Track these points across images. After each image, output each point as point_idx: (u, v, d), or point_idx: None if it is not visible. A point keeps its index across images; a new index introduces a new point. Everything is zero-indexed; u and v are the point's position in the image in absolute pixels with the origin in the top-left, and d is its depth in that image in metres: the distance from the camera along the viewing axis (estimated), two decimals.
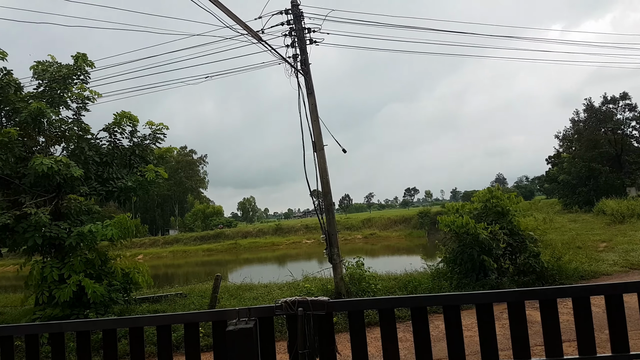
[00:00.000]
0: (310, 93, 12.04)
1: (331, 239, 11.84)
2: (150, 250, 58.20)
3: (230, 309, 2.87)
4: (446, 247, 12.95)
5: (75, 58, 11.92)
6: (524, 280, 11.62)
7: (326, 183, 12.02)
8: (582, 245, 18.19)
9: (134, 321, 3.03)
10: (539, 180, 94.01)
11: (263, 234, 62.47)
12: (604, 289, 2.72)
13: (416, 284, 11.91)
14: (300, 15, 12.10)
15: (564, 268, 12.40)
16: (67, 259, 10.15)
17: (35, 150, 11.43)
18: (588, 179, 40.64)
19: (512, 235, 12.21)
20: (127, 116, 11.95)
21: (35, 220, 9.58)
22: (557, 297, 2.73)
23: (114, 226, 10.10)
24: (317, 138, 11.95)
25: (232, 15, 9.08)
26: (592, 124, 43.62)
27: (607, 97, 43.33)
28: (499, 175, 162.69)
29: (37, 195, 10.59)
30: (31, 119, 10.45)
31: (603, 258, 14.74)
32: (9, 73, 11.37)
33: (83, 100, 11.81)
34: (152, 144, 12.53)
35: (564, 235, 22.42)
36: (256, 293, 12.85)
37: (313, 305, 2.82)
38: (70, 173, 10.04)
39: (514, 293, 2.79)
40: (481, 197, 13.39)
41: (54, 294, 9.56)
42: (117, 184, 11.42)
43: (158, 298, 13.11)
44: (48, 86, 11.49)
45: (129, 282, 11.01)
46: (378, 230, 56.40)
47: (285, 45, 12.15)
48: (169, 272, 39.20)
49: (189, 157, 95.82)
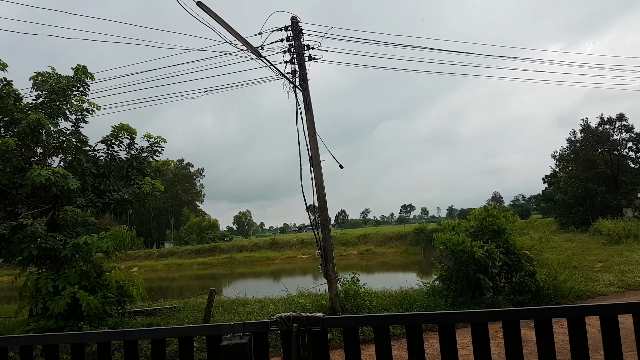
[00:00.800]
0: (308, 109, 12.11)
1: (327, 254, 11.82)
2: (145, 263, 57.94)
3: (224, 323, 2.86)
4: (442, 265, 12.93)
5: (75, 70, 11.99)
6: (519, 299, 11.60)
7: (322, 198, 12.03)
8: (578, 265, 18.19)
9: (129, 334, 3.02)
10: (535, 199, 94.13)
11: (258, 248, 62.27)
12: (599, 309, 2.73)
13: (411, 302, 11.86)
14: (300, 32, 12.22)
15: (560, 288, 12.39)
16: (62, 270, 10.10)
17: (32, 161, 11.42)
18: (584, 199, 40.71)
19: (508, 254, 12.22)
20: (125, 128, 11.99)
21: (31, 231, 9.56)
22: (553, 317, 2.73)
23: (110, 238, 10.08)
24: (314, 154, 11.99)
25: (233, 31, 9.17)
26: (588, 144, 43.83)
27: (604, 118, 43.63)
28: (495, 193, 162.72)
29: (34, 206, 10.56)
30: (30, 130, 10.46)
31: (599, 278, 14.74)
32: (9, 84, 11.42)
33: (82, 112, 11.86)
34: (149, 156, 12.55)
35: (560, 254, 22.42)
36: (250, 308, 12.79)
37: (308, 321, 2.81)
38: (67, 185, 10.04)
39: (509, 312, 2.79)
40: (477, 215, 13.41)
41: (48, 306, 9.50)
42: (114, 196, 11.41)
43: (152, 311, 13.03)
44: (47, 97, 11.53)
45: (123, 294, 10.97)
46: (374, 247, 56.28)
47: (285, 62, 12.25)
48: (163, 285, 38.98)
49: (185, 170, 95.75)
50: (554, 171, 51.11)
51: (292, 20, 12.20)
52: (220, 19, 8.56)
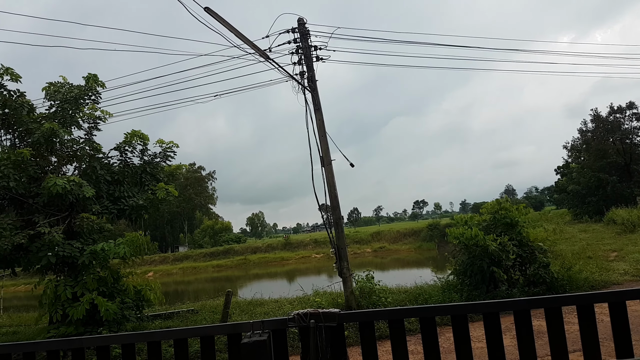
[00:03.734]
0: (317, 109, 12.18)
1: (340, 252, 11.89)
2: (160, 268, 58.34)
3: (244, 322, 2.96)
4: (456, 259, 12.94)
5: (86, 79, 12.15)
6: (534, 291, 11.59)
7: (334, 197, 12.09)
8: (593, 255, 18.06)
9: (152, 335, 3.12)
10: (549, 190, 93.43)
11: (272, 249, 62.40)
12: (607, 297, 2.78)
13: (426, 297, 11.90)
14: (307, 33, 12.29)
15: (574, 278, 12.33)
16: (80, 277, 10.28)
17: (48, 170, 11.61)
18: (597, 189, 40.35)
19: (521, 247, 12.20)
20: (138, 135, 12.16)
21: (49, 240, 9.74)
22: (562, 305, 2.79)
23: (126, 244, 10.24)
24: (324, 153, 12.06)
25: (240, 35, 9.27)
26: (599, 133, 43.42)
27: (614, 107, 43.20)
28: (508, 186, 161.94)
29: (50, 214, 10.75)
30: (44, 140, 10.65)
31: (614, 267, 14.65)
32: (22, 95, 11.63)
33: (94, 120, 12.05)
34: (162, 161, 12.71)
35: (574, 245, 22.27)
36: (267, 308, 12.90)
37: (325, 317, 2.90)
38: (82, 193, 10.21)
39: (520, 302, 2.86)
40: (490, 208, 13.39)
41: (67, 312, 9.67)
42: (129, 202, 11.58)
43: (170, 315, 13.18)
44: (60, 107, 11.71)
45: (141, 299, 11.12)
46: (387, 244, 56.17)
47: (293, 63, 12.32)
48: (179, 288, 39.27)
49: (197, 174, 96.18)
50: (566, 162, 50.67)
51: (298, 22, 12.28)
52: (227, 24, 8.66)
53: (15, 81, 11.54)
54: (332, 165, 12.18)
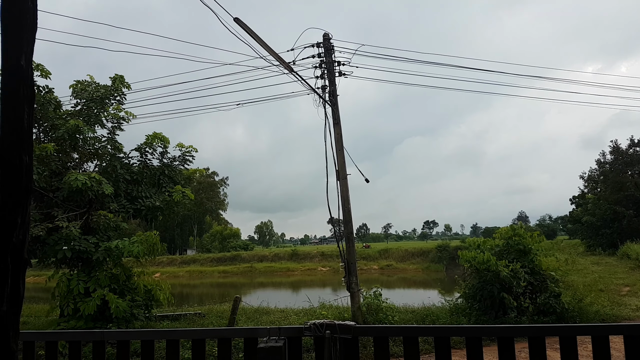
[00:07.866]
0: (336, 123, 12.29)
1: (350, 267, 11.91)
2: (167, 269, 58.55)
3: (261, 327, 3.04)
4: (466, 283, 12.88)
5: (113, 79, 12.38)
6: (543, 320, 11.48)
7: (347, 211, 12.15)
8: (605, 288, 17.86)
9: (172, 334, 3.20)
10: (562, 220, 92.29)
11: (279, 258, 62.36)
12: (623, 329, 2.81)
13: (434, 318, 11.85)
14: (332, 48, 12.45)
15: (585, 310, 12.21)
16: (93, 272, 10.42)
17: (69, 165, 11.83)
18: (612, 222, 39.89)
19: (533, 274, 12.13)
20: (159, 137, 12.34)
21: (66, 234, 9.91)
22: (577, 335, 2.83)
23: (141, 243, 10.37)
24: (340, 167, 12.13)
25: (267, 47, 9.43)
26: (618, 166, 43.06)
27: (635, 140, 42.88)
28: (521, 212, 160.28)
29: (69, 209, 10.94)
30: (68, 136, 10.87)
31: (626, 302, 14.48)
32: (50, 91, 11.89)
33: (118, 120, 12.26)
34: (181, 165, 12.87)
35: (586, 277, 22.00)
36: (273, 317, 12.93)
37: (340, 328, 2.96)
38: (101, 190, 10.38)
39: (535, 328, 2.90)
40: (503, 234, 13.35)
41: (78, 307, 9.80)
42: (146, 202, 11.73)
43: (177, 316, 13.26)
44: (86, 105, 11.95)
45: (150, 298, 11.22)
46: (395, 262, 55.80)
47: (315, 77, 12.47)
48: (184, 291, 39.37)
49: (210, 179, 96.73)
50: (582, 192, 50.19)
51: (324, 37, 12.44)
52: (255, 35, 8.82)
53: (45, 77, 11.81)
54: (347, 180, 12.25)
